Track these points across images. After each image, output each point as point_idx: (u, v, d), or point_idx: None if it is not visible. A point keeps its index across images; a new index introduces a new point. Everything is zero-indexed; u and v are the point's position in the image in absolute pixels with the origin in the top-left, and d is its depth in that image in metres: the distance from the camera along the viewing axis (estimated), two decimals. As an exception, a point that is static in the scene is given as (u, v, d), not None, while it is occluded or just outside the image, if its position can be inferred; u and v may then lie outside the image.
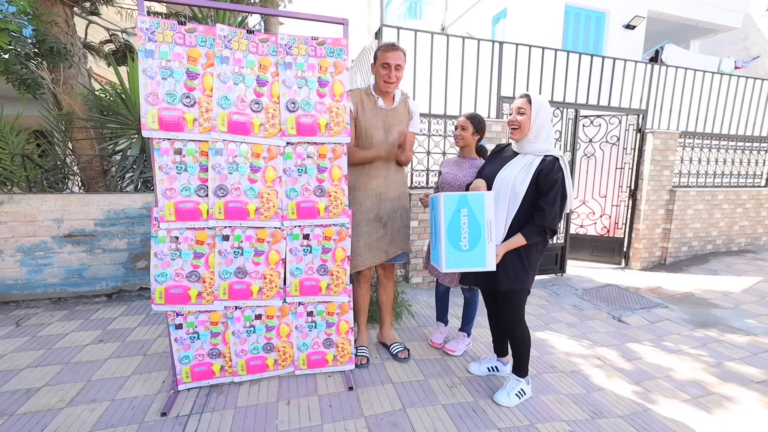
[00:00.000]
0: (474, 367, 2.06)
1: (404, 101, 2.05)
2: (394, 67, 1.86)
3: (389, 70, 1.87)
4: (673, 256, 4.53)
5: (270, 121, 1.65)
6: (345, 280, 1.85)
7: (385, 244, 2.05)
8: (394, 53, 1.86)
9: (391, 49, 1.86)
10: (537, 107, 1.59)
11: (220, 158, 1.61)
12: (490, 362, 2.06)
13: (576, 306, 3.26)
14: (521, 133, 1.64)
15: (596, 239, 4.59)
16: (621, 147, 4.40)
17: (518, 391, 1.82)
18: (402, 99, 2.04)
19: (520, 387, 1.83)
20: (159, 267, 1.62)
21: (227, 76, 1.57)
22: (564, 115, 3.92)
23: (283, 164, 1.71)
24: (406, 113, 2.05)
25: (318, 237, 1.80)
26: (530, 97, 1.61)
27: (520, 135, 1.65)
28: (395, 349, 2.18)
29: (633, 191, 4.37)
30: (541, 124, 1.60)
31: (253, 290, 1.75)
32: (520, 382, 1.84)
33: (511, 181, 1.60)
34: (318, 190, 1.76)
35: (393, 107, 2.00)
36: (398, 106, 2.02)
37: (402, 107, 2.04)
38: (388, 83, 1.90)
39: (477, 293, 2.18)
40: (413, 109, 2.07)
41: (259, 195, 1.68)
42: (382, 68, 1.88)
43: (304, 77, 1.67)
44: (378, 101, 1.97)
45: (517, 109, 1.64)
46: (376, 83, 1.96)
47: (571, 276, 4.09)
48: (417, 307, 2.97)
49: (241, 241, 1.70)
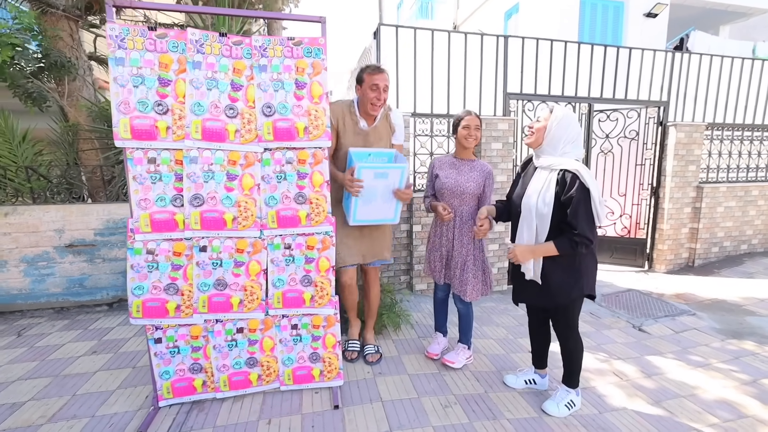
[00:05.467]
0: (510, 379, 2.00)
1: (385, 116, 2.02)
2: (383, 89, 1.89)
3: (378, 92, 1.88)
4: (702, 257, 4.19)
5: (246, 127, 1.59)
6: (330, 292, 1.76)
7: (363, 247, 2.06)
8: (381, 75, 1.89)
9: (378, 72, 1.89)
10: (555, 120, 1.62)
11: (195, 166, 1.56)
12: (527, 374, 2.00)
13: (593, 313, 3.04)
14: (533, 140, 1.68)
15: (616, 241, 4.31)
16: (641, 142, 4.12)
17: (568, 402, 1.79)
18: (383, 115, 2.01)
19: (570, 398, 1.80)
20: (136, 280, 1.58)
21: (200, 81, 1.52)
22: (577, 110, 3.70)
23: (261, 171, 1.64)
24: (387, 129, 2.03)
25: (300, 246, 1.72)
26: (552, 108, 1.66)
27: (532, 142, 1.70)
28: (367, 351, 2.21)
29: (655, 188, 4.08)
30: (558, 137, 1.62)
31: (233, 303, 1.68)
32: (570, 393, 1.81)
33: (535, 205, 1.64)
34: (299, 197, 1.68)
35: (374, 126, 1.98)
36: (379, 124, 2.00)
37: (383, 124, 2.01)
38: (376, 106, 1.91)
39: (470, 305, 2.06)
40: (395, 122, 2.05)
41: (236, 204, 1.62)
42: (370, 90, 1.89)
43: (280, 80, 1.59)
44: (359, 123, 1.96)
45: (537, 118, 1.71)
46: (361, 104, 1.96)
47: (588, 281, 3.85)
48: (418, 315, 2.84)
49: (219, 252, 1.64)
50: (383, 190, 1.86)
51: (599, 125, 4.18)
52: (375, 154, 1.91)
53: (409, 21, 12.04)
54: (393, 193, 1.88)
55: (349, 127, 1.96)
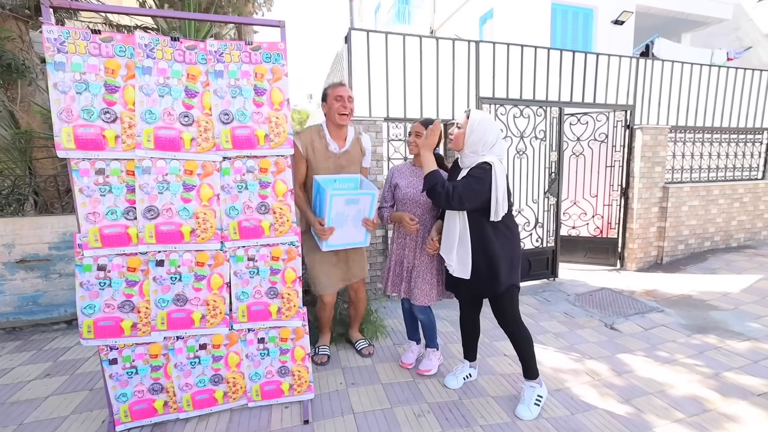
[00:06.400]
0: (450, 380, 2.01)
1: (357, 140, 2.05)
2: (347, 99, 1.93)
3: (343, 101, 1.92)
4: (669, 255, 4.36)
5: (202, 135, 1.53)
6: (297, 303, 1.72)
7: (341, 272, 2.11)
8: (342, 87, 1.95)
9: (340, 85, 1.96)
10: (473, 124, 1.69)
11: (148, 177, 1.49)
12: (463, 371, 2.05)
13: (567, 313, 3.10)
14: (455, 144, 1.77)
15: (589, 240, 4.43)
16: (610, 144, 4.26)
17: (536, 398, 1.82)
18: (355, 138, 2.04)
19: (536, 393, 1.83)
20: (86, 298, 1.49)
21: (151, 87, 1.45)
22: (548, 114, 3.79)
23: (221, 181, 1.58)
24: (358, 152, 2.06)
25: (265, 257, 1.67)
26: (469, 113, 1.73)
27: (454, 146, 1.79)
28: (360, 345, 2.29)
29: (624, 189, 4.22)
30: (477, 140, 1.69)
31: (194, 318, 1.61)
32: (534, 387, 1.83)
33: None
34: (261, 207, 1.63)
35: (345, 150, 2.00)
36: (351, 147, 2.02)
37: (355, 148, 2.04)
38: (343, 115, 1.94)
39: (430, 313, 2.05)
40: (366, 146, 2.09)
41: (194, 215, 1.55)
42: (335, 101, 1.93)
43: (238, 86, 1.54)
44: (330, 145, 1.97)
45: (456, 124, 1.78)
46: (329, 118, 1.98)
47: (564, 280, 3.93)
48: (393, 322, 2.82)
49: (178, 266, 1.57)
50: (354, 215, 1.89)
51: (570, 128, 4.30)
52: (341, 180, 1.93)
53: (386, 25, 12.09)
54: (363, 219, 1.90)
55: (319, 152, 1.96)
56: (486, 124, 1.69)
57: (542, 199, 3.92)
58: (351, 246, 2.01)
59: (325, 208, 1.80)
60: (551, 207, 3.94)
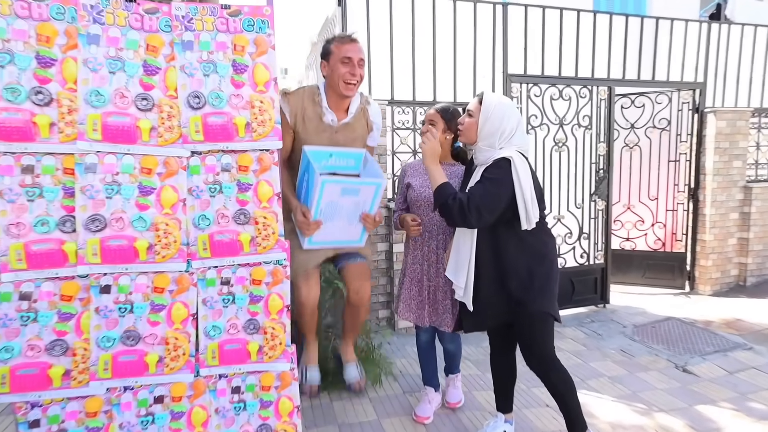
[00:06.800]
0: None
1: (362, 111, 2.01)
2: (358, 63, 1.88)
3: (351, 66, 1.87)
4: (755, 275, 4.39)
5: (165, 124, 1.53)
6: (284, 340, 1.70)
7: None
8: (354, 45, 1.88)
9: (350, 41, 1.88)
10: (488, 110, 1.73)
11: (94, 177, 1.48)
12: (496, 427, 2.04)
13: (624, 351, 3.12)
14: (466, 137, 1.84)
15: (649, 256, 4.47)
16: (674, 133, 4.32)
17: None
18: (360, 108, 2.00)
19: None
20: (2, 338, 1.46)
21: (99, 61, 1.45)
22: (594, 95, 3.84)
23: (188, 182, 1.58)
24: (364, 126, 2.03)
25: (243, 281, 1.66)
26: (482, 96, 1.77)
27: (466, 140, 1.86)
28: (349, 375, 2.22)
29: (693, 190, 4.26)
30: (494, 130, 1.73)
31: (149, 362, 1.59)
32: None
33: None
34: (240, 215, 1.63)
35: (346, 122, 1.96)
36: (354, 120, 1.98)
37: (359, 120, 2.00)
38: (350, 84, 1.89)
39: (459, 341, 2.21)
40: (374, 120, 2.06)
41: (152, 226, 1.55)
42: (341, 65, 1.87)
43: (212, 61, 1.55)
44: (325, 115, 1.93)
45: (467, 110, 1.83)
46: (330, 85, 1.94)
47: (617, 308, 3.96)
48: (403, 363, 2.83)
49: (129, 293, 1.55)
50: (350, 208, 1.85)
51: (623, 113, 4.36)
52: (338, 155, 1.90)
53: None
54: (361, 215, 1.86)
55: (311, 123, 1.93)
56: (504, 109, 1.73)
57: (588, 204, 3.95)
58: (340, 245, 2.00)
59: (313, 194, 1.74)
60: (599, 213, 3.98)
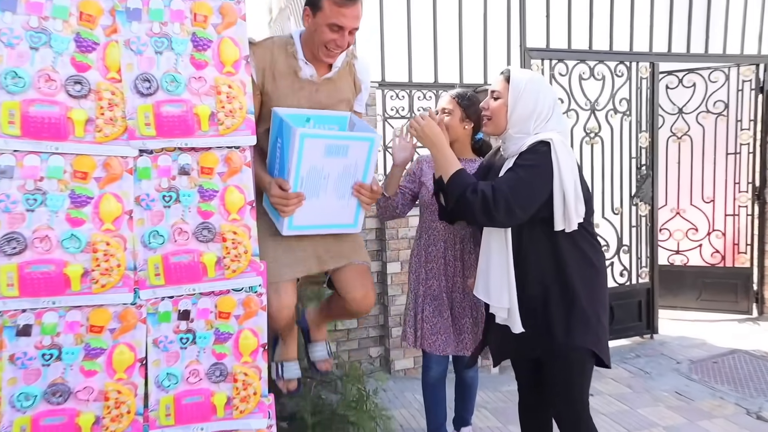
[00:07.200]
0: None
1: (348, 65, 2.07)
2: (349, 31, 1.92)
3: (341, 34, 1.90)
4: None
5: (106, 115, 1.54)
6: (259, 389, 1.73)
7: (318, 246, 2.05)
8: (352, 10, 1.89)
9: (350, 4, 1.89)
10: (518, 88, 1.77)
11: (9, 184, 1.47)
12: None
13: (680, 393, 3.21)
14: (494, 126, 1.88)
15: (705, 272, 4.58)
16: (733, 119, 4.45)
17: None
18: (345, 62, 2.05)
19: None
20: None
21: (16, 34, 1.46)
22: (634, 74, 3.96)
23: (136, 189, 1.60)
24: (350, 85, 2.08)
25: (206, 314, 1.68)
26: (509, 73, 1.81)
27: (494, 129, 1.89)
28: (316, 354, 2.41)
29: (759, 190, 4.41)
30: (528, 113, 1.77)
31: (82, 425, 1.58)
32: None
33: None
34: (203, 231, 1.65)
35: (328, 77, 2.01)
36: (338, 76, 2.03)
37: (345, 77, 2.06)
38: (332, 53, 1.94)
39: (477, 371, 2.36)
40: (362, 78, 2.11)
41: (89, 247, 1.55)
42: (329, 30, 1.90)
43: (166, 34, 1.58)
44: (302, 70, 1.97)
45: (491, 92, 1.86)
46: (307, 42, 1.98)
47: (668, 338, 4.07)
48: (403, 414, 2.88)
49: (56, 335, 1.55)
50: (339, 175, 1.84)
51: (668, 95, 4.49)
52: (318, 118, 1.92)
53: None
54: (353, 186, 1.89)
55: (283, 80, 1.96)
56: (537, 86, 1.79)
57: (628, 208, 4.06)
58: (331, 230, 2.02)
59: (290, 158, 1.74)
60: (642, 220, 4.09)
